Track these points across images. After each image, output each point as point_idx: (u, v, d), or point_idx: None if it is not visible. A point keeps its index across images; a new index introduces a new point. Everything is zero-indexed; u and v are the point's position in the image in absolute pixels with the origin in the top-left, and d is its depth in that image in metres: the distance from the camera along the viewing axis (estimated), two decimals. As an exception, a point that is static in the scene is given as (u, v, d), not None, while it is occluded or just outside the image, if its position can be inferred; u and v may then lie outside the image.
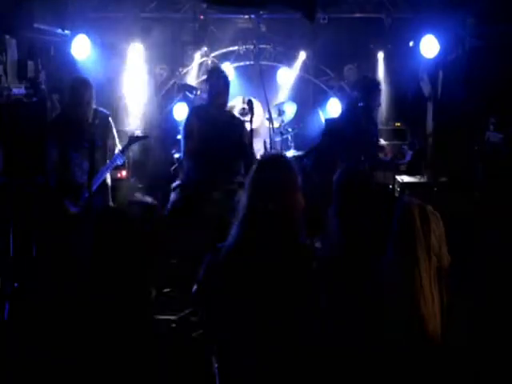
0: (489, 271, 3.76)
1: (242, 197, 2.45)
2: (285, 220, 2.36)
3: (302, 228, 2.41)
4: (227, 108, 5.31)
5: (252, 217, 2.37)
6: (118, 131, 5.50)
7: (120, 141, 5.33)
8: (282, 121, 7.53)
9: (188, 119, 5.03)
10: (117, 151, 5.15)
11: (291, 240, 2.37)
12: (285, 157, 2.72)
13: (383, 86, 7.80)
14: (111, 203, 5.29)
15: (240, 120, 5.27)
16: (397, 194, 6.33)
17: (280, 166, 2.47)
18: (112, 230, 3.31)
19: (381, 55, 7.96)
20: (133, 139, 5.33)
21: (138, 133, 6.66)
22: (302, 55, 8.11)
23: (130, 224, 3.42)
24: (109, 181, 5.27)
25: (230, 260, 2.37)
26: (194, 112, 5.11)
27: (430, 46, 6.95)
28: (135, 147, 7.02)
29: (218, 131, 4.84)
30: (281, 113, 7.49)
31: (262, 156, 3.98)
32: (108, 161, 5.11)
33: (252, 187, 2.43)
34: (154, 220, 5.82)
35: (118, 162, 5.15)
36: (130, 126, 7.54)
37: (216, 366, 2.45)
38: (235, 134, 4.95)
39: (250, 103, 5.01)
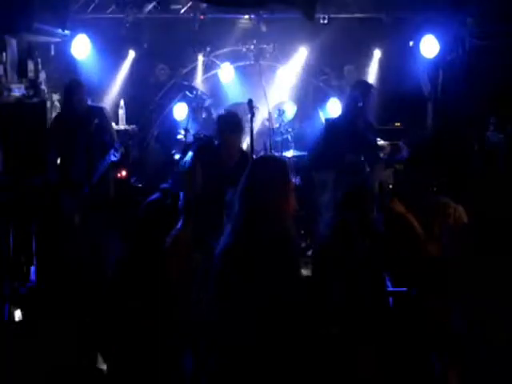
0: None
1: (235, 199, 2.45)
2: (276, 222, 2.36)
3: (293, 229, 2.42)
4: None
5: (244, 219, 2.37)
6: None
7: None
8: (282, 121, 7.53)
9: (192, 163, 4.37)
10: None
11: (282, 241, 2.37)
12: (277, 159, 2.71)
13: (383, 86, 7.81)
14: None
15: (246, 157, 4.61)
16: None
17: (272, 168, 2.45)
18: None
19: (378, 55, 7.95)
20: (126, 135, 5.43)
21: (132, 128, 6.74)
22: (303, 51, 8.08)
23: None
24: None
25: (223, 262, 2.38)
26: (199, 156, 4.45)
27: (429, 46, 6.95)
28: (134, 147, 7.04)
29: (220, 183, 4.23)
30: (281, 113, 7.49)
31: (255, 159, 3.91)
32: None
33: (244, 190, 2.43)
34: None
35: (113, 158, 5.15)
36: (129, 125, 7.53)
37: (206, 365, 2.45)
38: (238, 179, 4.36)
39: (250, 103, 4.98)
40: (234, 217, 2.41)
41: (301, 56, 8.11)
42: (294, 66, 8.15)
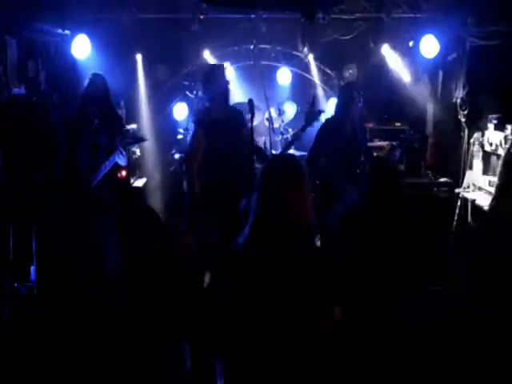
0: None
1: (253, 197, 2.43)
2: (296, 222, 2.35)
3: (313, 229, 2.41)
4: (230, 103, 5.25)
5: (262, 218, 2.36)
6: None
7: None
8: (282, 121, 7.54)
9: (195, 134, 4.88)
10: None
11: (302, 242, 2.36)
12: (294, 157, 2.72)
13: (383, 86, 7.82)
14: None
15: (241, 114, 5.14)
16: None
17: (290, 167, 2.46)
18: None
19: (379, 55, 7.95)
20: (133, 140, 5.44)
21: (139, 135, 6.75)
22: (303, 51, 8.09)
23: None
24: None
25: (240, 262, 2.36)
26: (201, 125, 4.87)
27: (429, 46, 6.95)
28: (135, 147, 7.05)
29: (227, 137, 4.77)
30: (281, 113, 7.50)
31: (271, 157, 3.97)
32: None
33: (262, 189, 2.41)
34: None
35: (120, 162, 5.14)
36: (129, 125, 7.53)
37: (219, 366, 2.44)
38: (243, 131, 4.89)
39: (250, 103, 4.98)
40: (252, 217, 2.39)
41: (301, 56, 8.12)
42: (294, 66, 8.16)
